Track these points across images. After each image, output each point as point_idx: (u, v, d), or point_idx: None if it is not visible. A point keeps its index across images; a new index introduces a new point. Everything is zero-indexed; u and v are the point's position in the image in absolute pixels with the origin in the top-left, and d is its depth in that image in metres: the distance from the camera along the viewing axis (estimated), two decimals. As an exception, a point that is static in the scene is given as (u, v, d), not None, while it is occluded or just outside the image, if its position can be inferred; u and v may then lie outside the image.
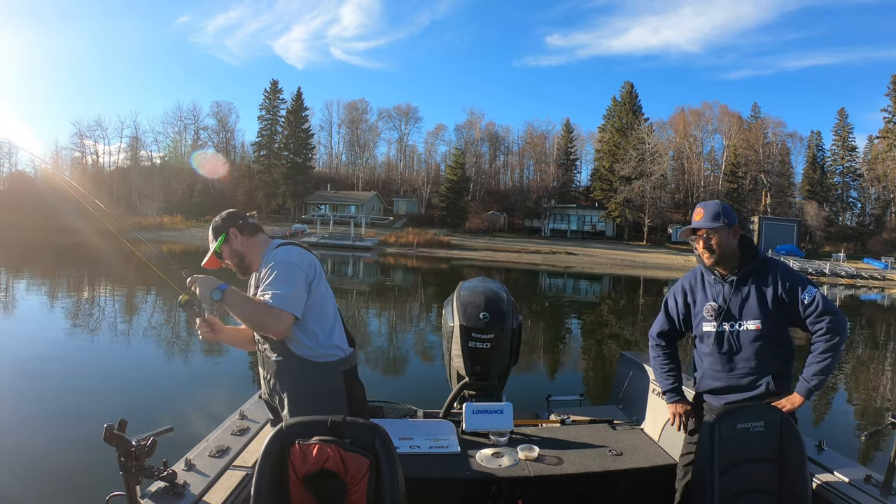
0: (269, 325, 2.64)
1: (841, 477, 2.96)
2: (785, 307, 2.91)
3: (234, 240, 2.93)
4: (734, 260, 3.06)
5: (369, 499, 2.23)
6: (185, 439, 3.25)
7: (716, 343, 3.05)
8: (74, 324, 14.31)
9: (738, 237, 3.08)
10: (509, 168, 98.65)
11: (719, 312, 3.04)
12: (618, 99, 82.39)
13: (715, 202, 3.12)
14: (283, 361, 2.81)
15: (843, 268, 55.06)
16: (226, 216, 2.99)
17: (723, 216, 3.02)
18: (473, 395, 4.14)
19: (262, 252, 2.93)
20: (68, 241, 46.63)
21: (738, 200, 75.52)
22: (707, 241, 3.03)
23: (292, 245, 2.92)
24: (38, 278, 24.87)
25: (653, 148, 73.96)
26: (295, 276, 2.72)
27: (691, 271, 3.30)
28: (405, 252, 56.14)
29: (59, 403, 7.48)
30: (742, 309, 2.99)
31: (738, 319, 2.99)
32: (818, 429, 5.47)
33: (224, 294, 2.61)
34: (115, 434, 2.04)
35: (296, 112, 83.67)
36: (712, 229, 3.01)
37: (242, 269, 2.97)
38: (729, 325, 3.01)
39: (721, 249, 3.02)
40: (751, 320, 2.95)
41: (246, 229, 2.96)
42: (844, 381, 13.23)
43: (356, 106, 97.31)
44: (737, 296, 3.02)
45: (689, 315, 3.23)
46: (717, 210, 3.05)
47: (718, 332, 3.04)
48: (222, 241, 2.93)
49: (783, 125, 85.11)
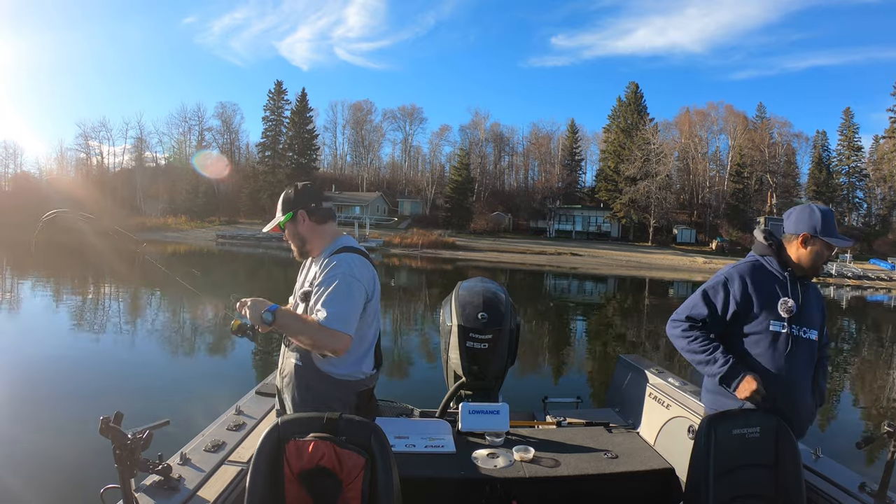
0: (325, 345, 2.50)
1: (836, 484, 2.96)
2: (821, 326, 2.97)
3: (300, 222, 2.79)
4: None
5: (364, 497, 2.22)
6: (180, 433, 3.28)
7: (784, 345, 2.82)
8: (73, 320, 14.47)
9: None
10: (514, 169, 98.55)
11: (793, 313, 2.84)
12: (623, 99, 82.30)
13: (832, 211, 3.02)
14: (302, 367, 2.71)
15: (849, 269, 54.86)
16: (300, 192, 2.83)
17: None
18: (470, 395, 4.15)
19: (326, 244, 2.81)
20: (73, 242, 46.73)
21: (744, 201, 75.49)
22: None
23: (358, 254, 2.75)
24: (42, 277, 24.92)
25: (658, 148, 73.87)
26: (355, 294, 2.59)
27: (747, 262, 3.01)
28: (410, 253, 56.17)
29: (55, 396, 7.53)
30: (810, 315, 2.90)
31: (804, 325, 2.87)
32: (814, 435, 5.42)
33: (275, 315, 2.45)
34: (111, 427, 2.03)
35: (300, 113, 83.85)
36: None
37: (301, 252, 2.86)
38: (797, 329, 2.85)
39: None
40: (812, 329, 2.88)
41: (316, 214, 2.80)
42: (842, 388, 13.20)
43: (361, 107, 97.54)
44: (806, 301, 2.90)
45: (745, 308, 2.88)
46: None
47: (789, 335, 2.83)
48: (288, 219, 2.80)
49: (789, 125, 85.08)
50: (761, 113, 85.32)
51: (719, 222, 75.75)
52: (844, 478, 3.01)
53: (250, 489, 2.20)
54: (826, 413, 10.99)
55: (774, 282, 2.91)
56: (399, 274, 38.17)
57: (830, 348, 5.14)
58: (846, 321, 26.32)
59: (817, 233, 2.86)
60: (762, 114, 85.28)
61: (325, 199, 2.85)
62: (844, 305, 33.17)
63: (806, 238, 2.88)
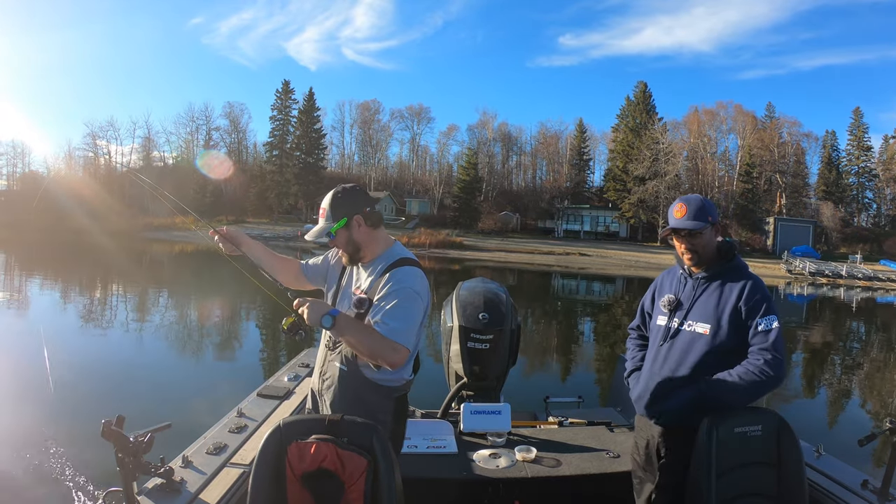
0: (384, 357, 2.43)
1: (838, 482, 2.97)
2: (736, 322, 2.68)
3: (356, 228, 2.69)
4: (712, 260, 2.84)
5: (366, 498, 2.22)
6: (182, 436, 3.30)
7: (662, 338, 2.87)
8: (76, 321, 14.41)
9: (717, 237, 2.86)
10: (522, 168, 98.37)
11: (674, 306, 2.86)
12: (631, 98, 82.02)
13: (697, 197, 2.85)
14: (347, 373, 2.65)
15: (859, 269, 54.49)
16: (354, 197, 2.75)
17: (707, 213, 2.78)
18: (472, 395, 4.15)
19: (380, 250, 2.75)
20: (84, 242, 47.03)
21: (754, 201, 75.19)
22: (690, 242, 2.79)
23: (418, 267, 2.69)
24: (44, 278, 25.04)
25: (667, 148, 73.63)
26: (417, 309, 2.55)
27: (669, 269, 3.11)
28: (418, 253, 55.92)
29: (57, 398, 7.48)
30: (696, 308, 2.79)
31: (688, 318, 2.79)
32: (816, 433, 5.42)
33: (335, 321, 2.39)
34: (113, 430, 2.06)
35: (308, 112, 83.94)
36: (698, 230, 2.77)
37: (353, 258, 2.77)
38: (678, 322, 2.81)
39: (705, 251, 2.80)
40: (701, 322, 2.74)
41: (371, 219, 2.72)
42: (845, 386, 13.24)
43: (368, 106, 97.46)
44: (696, 293, 2.82)
45: (651, 310, 3.07)
46: (700, 206, 2.79)
47: (667, 327, 2.85)
48: (342, 225, 2.68)
49: (798, 125, 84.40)
50: (770, 112, 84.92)
51: (728, 223, 75.42)
52: (847, 475, 3.02)
53: (252, 491, 2.22)
54: (828, 411, 11.10)
55: (672, 280, 2.99)
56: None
57: (840, 349, 4.94)
58: (855, 323, 26.20)
59: (668, 224, 2.87)
60: (771, 113, 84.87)
61: (376, 201, 2.78)
62: (854, 307, 32.98)
63: (668, 233, 2.89)
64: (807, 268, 53.97)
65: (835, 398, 12.27)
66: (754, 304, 2.66)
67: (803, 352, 17.56)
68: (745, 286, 2.70)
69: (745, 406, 2.67)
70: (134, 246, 44.79)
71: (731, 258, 2.82)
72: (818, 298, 37.44)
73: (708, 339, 2.70)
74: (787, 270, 54.85)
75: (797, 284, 47.20)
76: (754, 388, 2.59)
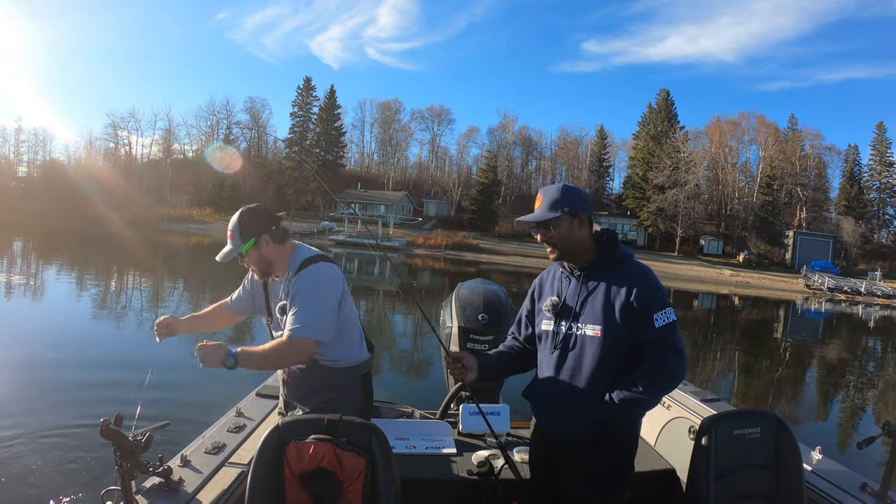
0: (295, 359, 2.78)
1: (836, 484, 2.98)
2: (630, 319, 2.43)
3: (264, 246, 2.85)
4: (587, 254, 2.58)
5: (365, 498, 2.25)
6: (181, 435, 3.39)
7: (551, 345, 2.61)
8: (78, 316, 14.32)
9: (589, 227, 2.59)
10: (541, 173, 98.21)
11: (558, 309, 2.61)
12: (653, 106, 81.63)
13: (556, 186, 2.61)
14: (306, 369, 2.89)
15: (879, 287, 53.87)
16: (258, 217, 2.88)
17: (563, 203, 2.51)
18: (470, 396, 4.07)
19: (288, 259, 2.90)
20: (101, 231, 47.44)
21: (774, 213, 74.64)
22: (546, 234, 2.56)
23: (320, 261, 2.87)
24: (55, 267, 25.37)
25: (687, 157, 73.19)
26: (323, 300, 2.78)
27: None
28: (433, 254, 56.18)
29: (55, 397, 7.46)
30: (583, 310, 2.53)
31: (577, 321, 2.54)
32: (815, 436, 5.37)
33: (237, 359, 2.56)
34: (111, 429, 2.04)
35: (328, 109, 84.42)
36: (549, 220, 2.52)
37: (264, 273, 2.94)
38: (566, 326, 2.56)
39: (564, 244, 2.55)
40: (590, 324, 2.49)
41: (278, 235, 2.89)
42: (843, 390, 13.27)
43: (389, 106, 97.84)
44: (581, 294, 2.56)
45: (535, 312, 2.81)
46: (555, 197, 2.53)
47: (555, 332, 2.60)
48: (251, 245, 2.84)
49: (821, 137, 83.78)
50: (793, 124, 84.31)
51: (747, 234, 74.90)
52: (845, 478, 3.03)
53: (251, 491, 2.23)
54: (827, 413, 11.11)
55: (553, 279, 2.75)
56: (420, 275, 38.18)
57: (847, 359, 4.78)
58: (866, 338, 25.98)
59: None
60: (794, 125, 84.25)
61: (281, 218, 2.97)
62: (872, 325, 32.62)
63: (523, 227, 2.68)
64: (825, 283, 53.52)
65: (834, 401, 12.29)
66: (648, 298, 2.43)
67: (809, 360, 17.55)
68: (634, 279, 2.47)
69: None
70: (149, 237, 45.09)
71: (613, 249, 2.58)
72: (835, 315, 37.06)
73: (600, 341, 2.45)
74: (806, 285, 54.41)
75: (815, 300, 46.73)
76: (662, 392, 2.52)
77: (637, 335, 2.43)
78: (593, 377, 2.47)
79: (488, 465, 3.12)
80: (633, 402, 2.39)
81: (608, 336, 2.44)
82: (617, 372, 2.45)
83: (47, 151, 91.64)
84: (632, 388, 2.38)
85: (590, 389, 2.47)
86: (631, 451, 2.57)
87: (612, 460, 2.51)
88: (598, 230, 2.62)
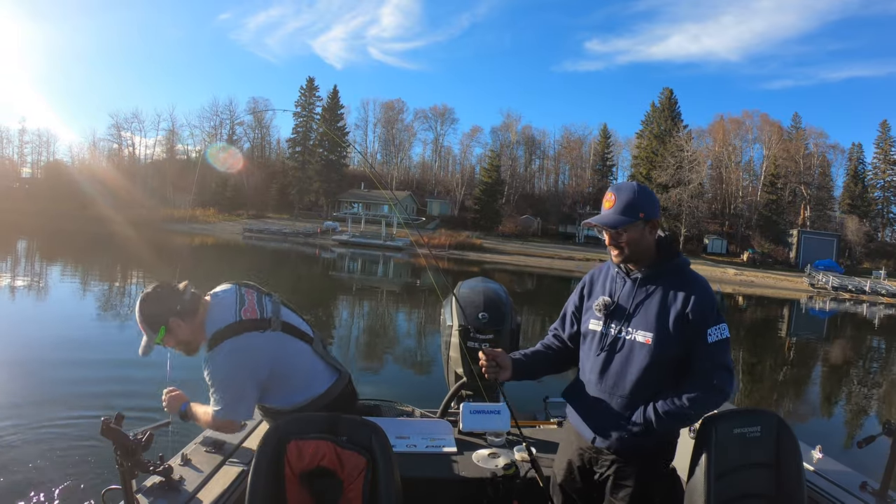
0: (222, 432, 2.87)
1: (837, 484, 2.98)
2: (683, 330, 2.35)
3: (177, 330, 2.66)
4: (648, 258, 2.49)
5: (365, 497, 2.24)
6: (181, 434, 3.37)
7: (598, 346, 2.52)
8: (79, 315, 14.31)
9: (656, 233, 2.50)
10: (545, 172, 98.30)
11: (609, 310, 2.50)
12: (657, 105, 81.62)
13: (630, 186, 2.47)
14: (265, 415, 3.01)
15: (883, 286, 53.74)
16: (159, 303, 2.65)
17: (640, 208, 2.40)
18: (471, 395, 4.13)
19: (205, 328, 2.67)
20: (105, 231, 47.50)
21: (777, 212, 74.48)
22: (616, 238, 2.44)
23: (227, 337, 2.61)
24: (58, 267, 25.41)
25: (691, 156, 73.08)
26: (234, 382, 2.64)
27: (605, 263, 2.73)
28: (436, 254, 56.13)
29: (56, 396, 7.47)
30: (636, 314, 2.44)
31: (628, 325, 2.44)
32: (815, 435, 5.39)
33: (186, 412, 2.81)
34: (112, 428, 2.05)
35: (332, 109, 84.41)
36: (623, 227, 2.41)
37: (192, 351, 2.78)
38: (616, 329, 2.47)
39: (632, 248, 2.44)
40: (642, 330, 2.40)
41: (187, 313, 2.66)
42: (844, 389, 13.33)
43: (392, 106, 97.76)
44: (636, 297, 2.46)
45: (582, 310, 2.70)
46: (630, 199, 2.41)
47: (602, 334, 2.51)
48: (164, 333, 2.65)
49: (824, 136, 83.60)
50: (797, 123, 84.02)
51: (751, 233, 74.80)
52: (846, 477, 3.03)
53: (251, 490, 2.20)
54: (828, 412, 11.16)
55: (605, 278, 2.65)
56: (424, 275, 38.15)
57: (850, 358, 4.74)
58: (870, 336, 25.92)
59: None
60: (797, 124, 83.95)
61: (183, 291, 2.70)
62: (877, 324, 32.55)
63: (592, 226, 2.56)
64: (830, 282, 53.41)
65: (835, 400, 12.31)
66: (704, 311, 2.34)
67: (812, 359, 17.57)
68: (692, 289, 2.38)
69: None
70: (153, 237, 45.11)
71: (673, 256, 2.50)
72: (839, 314, 37.00)
73: (650, 348, 2.37)
74: (810, 284, 54.31)
75: (819, 299, 46.64)
76: (708, 409, 2.43)
77: (687, 348, 2.36)
78: (638, 385, 2.40)
79: (514, 468, 3.13)
80: (677, 416, 2.34)
81: (659, 344, 2.36)
82: (661, 382, 2.39)
83: (51, 152, 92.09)
84: (677, 402, 2.33)
85: (633, 397, 2.42)
86: (667, 463, 2.56)
87: (647, 471, 2.47)
88: (660, 235, 2.54)
